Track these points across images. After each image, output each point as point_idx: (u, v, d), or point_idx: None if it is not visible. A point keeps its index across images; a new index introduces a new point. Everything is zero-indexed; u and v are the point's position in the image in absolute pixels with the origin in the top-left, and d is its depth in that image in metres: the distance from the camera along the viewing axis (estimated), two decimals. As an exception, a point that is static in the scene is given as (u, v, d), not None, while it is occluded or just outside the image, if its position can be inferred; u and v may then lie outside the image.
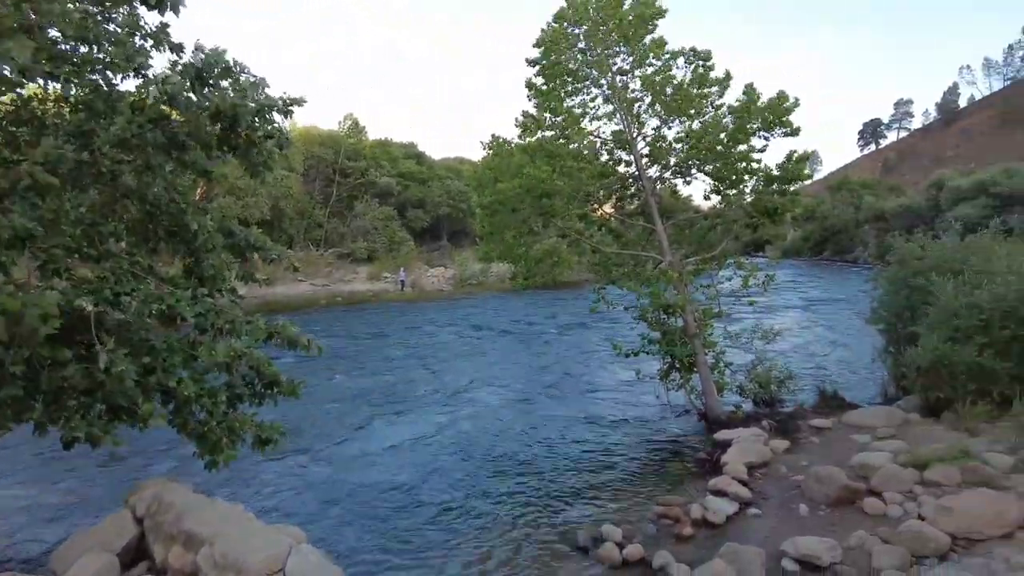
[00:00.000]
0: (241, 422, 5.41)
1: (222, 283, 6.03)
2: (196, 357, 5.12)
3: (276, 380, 5.66)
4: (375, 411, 12.77)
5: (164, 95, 4.77)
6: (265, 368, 5.50)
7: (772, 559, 5.90)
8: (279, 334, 5.73)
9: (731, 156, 11.19)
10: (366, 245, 44.21)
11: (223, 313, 5.33)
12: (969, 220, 29.37)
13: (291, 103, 5.26)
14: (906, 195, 56.96)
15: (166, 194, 5.46)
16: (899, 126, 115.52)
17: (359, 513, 8.09)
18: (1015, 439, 7.62)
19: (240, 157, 5.42)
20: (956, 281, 9.55)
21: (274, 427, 5.68)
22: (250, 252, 6.32)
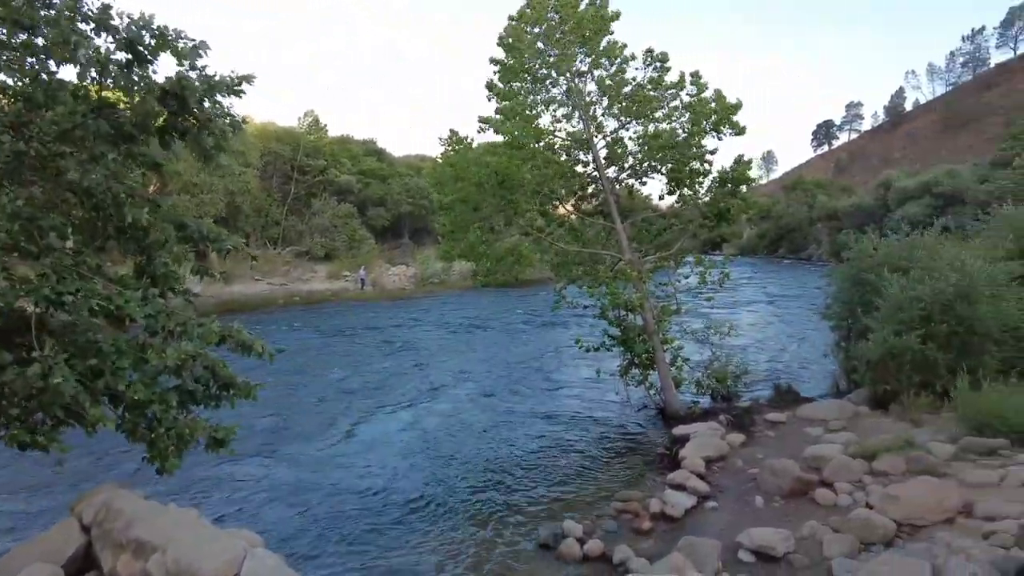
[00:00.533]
0: (192, 427, 5.24)
1: (175, 282, 5.83)
2: (146, 360, 4.94)
3: (231, 382, 5.51)
4: (336, 412, 12.59)
5: (101, 75, 4.55)
6: (220, 370, 5.35)
7: (729, 551, 6.03)
8: (232, 338, 5.56)
9: (685, 156, 11.40)
10: (325, 243, 43.50)
11: (174, 315, 5.15)
12: (915, 219, 30.48)
13: (240, 80, 5.08)
14: (857, 195, 58.90)
15: (113, 188, 5.24)
16: (850, 128, 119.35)
17: (321, 515, 7.97)
18: (955, 428, 7.95)
19: (191, 142, 5.22)
20: (902, 277, 9.91)
21: (229, 428, 5.52)
22: (204, 244, 6.11)
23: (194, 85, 4.82)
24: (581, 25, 11.27)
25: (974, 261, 9.47)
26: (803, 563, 5.71)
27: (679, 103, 11.54)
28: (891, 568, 4.53)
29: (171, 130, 5.14)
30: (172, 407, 5.04)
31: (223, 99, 5.16)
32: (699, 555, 5.68)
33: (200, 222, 6.03)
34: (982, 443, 7.40)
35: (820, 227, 56.43)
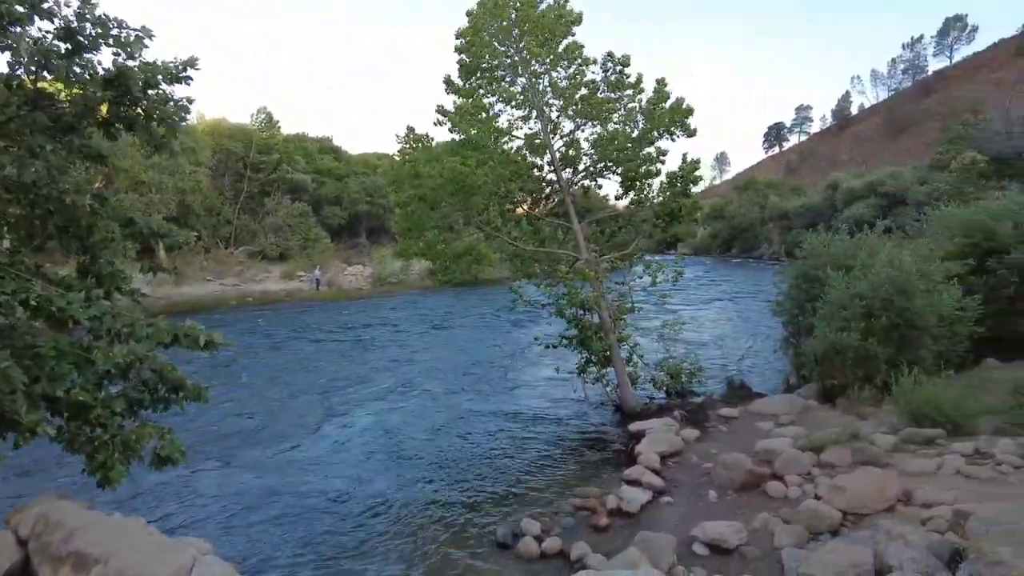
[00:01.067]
0: (139, 435, 5.04)
1: (122, 282, 5.60)
2: (92, 362, 4.73)
3: (181, 385, 5.33)
4: (294, 415, 12.35)
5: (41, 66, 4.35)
6: (169, 372, 5.17)
7: (683, 544, 6.13)
8: (186, 335, 5.37)
9: (638, 158, 11.57)
10: (279, 243, 42.61)
11: (121, 316, 4.96)
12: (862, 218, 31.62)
13: (184, 66, 4.92)
14: (806, 195, 60.79)
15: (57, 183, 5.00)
16: (800, 130, 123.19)
17: (276, 520, 7.79)
18: (896, 420, 8.29)
19: (139, 132, 5.04)
20: (845, 275, 10.28)
21: (175, 444, 5.31)
22: (154, 240, 5.89)
23: (135, 73, 4.64)
24: (540, 26, 11.30)
25: (909, 259, 9.90)
26: (755, 554, 5.86)
27: (636, 106, 11.70)
28: (837, 556, 4.68)
29: (116, 120, 4.96)
30: (117, 413, 4.84)
31: (167, 87, 5.00)
32: (655, 549, 5.77)
33: (148, 218, 5.82)
34: (921, 433, 7.73)
35: (771, 227, 58.06)
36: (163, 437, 5.17)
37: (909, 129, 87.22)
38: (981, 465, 6.65)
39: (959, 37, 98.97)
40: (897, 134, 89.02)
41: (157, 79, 4.82)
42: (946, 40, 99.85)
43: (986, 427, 7.77)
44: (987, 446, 7.08)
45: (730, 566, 5.74)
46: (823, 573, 4.53)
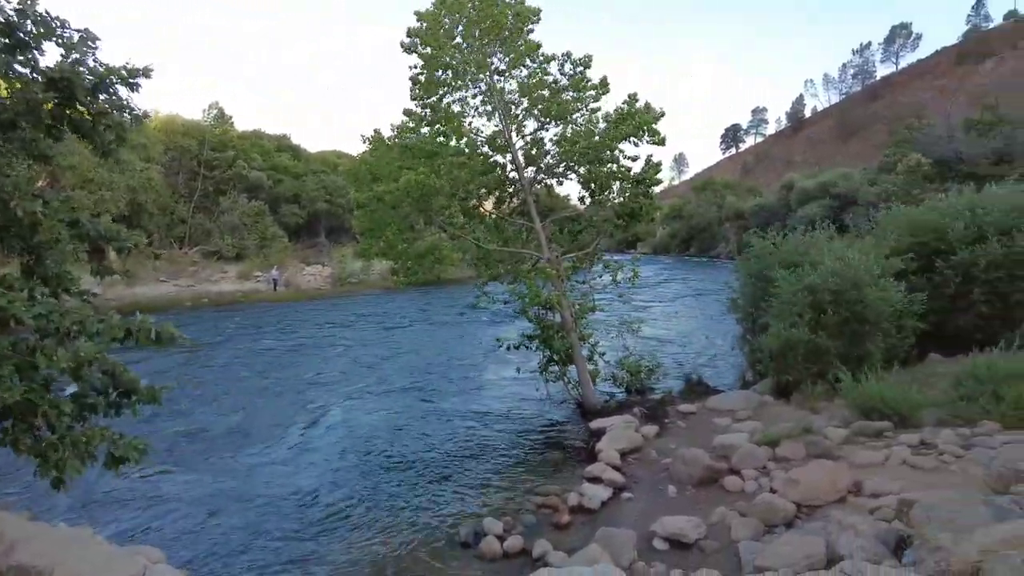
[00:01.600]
0: (90, 436, 4.83)
1: (69, 282, 5.36)
2: (36, 366, 4.51)
3: (134, 387, 5.13)
4: (252, 417, 12.08)
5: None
6: (121, 374, 4.98)
7: (644, 540, 6.20)
8: (138, 330, 5.14)
9: (601, 160, 11.65)
10: (235, 242, 41.64)
11: (69, 314, 4.75)
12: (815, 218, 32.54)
13: (135, 73, 4.76)
14: (762, 195, 62.33)
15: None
16: (756, 131, 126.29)
17: (234, 525, 7.60)
18: (847, 414, 8.55)
19: (87, 135, 4.84)
20: (796, 272, 10.55)
21: (131, 443, 5.11)
22: (102, 243, 5.65)
23: (81, 75, 4.47)
24: (499, 24, 11.26)
25: (857, 255, 10.24)
26: (713, 548, 5.96)
27: (599, 109, 11.76)
28: (791, 547, 4.80)
29: (60, 122, 4.76)
30: (66, 413, 4.63)
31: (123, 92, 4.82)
32: (615, 545, 5.82)
33: (96, 220, 5.59)
34: (870, 426, 7.98)
35: (728, 226, 59.32)
36: (115, 442, 4.97)
37: (859, 132, 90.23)
38: (925, 455, 6.89)
39: (904, 44, 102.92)
40: (848, 136, 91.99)
41: (106, 83, 4.64)
42: (892, 47, 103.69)
43: (930, 419, 8.06)
44: (931, 437, 7.35)
45: (689, 560, 5.82)
46: (778, 564, 4.64)
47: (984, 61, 66.37)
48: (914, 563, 3.54)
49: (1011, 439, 6.73)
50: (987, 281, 10.40)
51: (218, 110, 46.76)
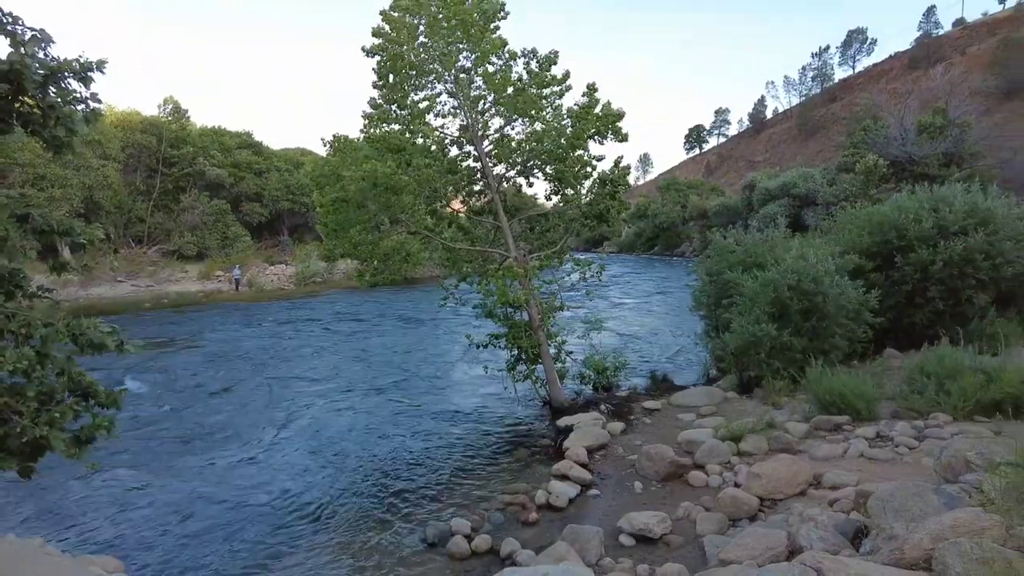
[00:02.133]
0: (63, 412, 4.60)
1: (22, 280, 5.14)
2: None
3: (93, 390, 4.94)
4: (214, 421, 11.82)
5: None
6: (77, 376, 4.79)
7: (610, 536, 6.26)
8: (84, 335, 4.96)
9: (568, 159, 11.71)
10: (196, 241, 40.68)
11: (16, 317, 4.56)
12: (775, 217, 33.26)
13: (88, 67, 4.59)
14: (725, 195, 63.43)
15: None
16: (719, 132, 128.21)
17: (198, 531, 7.42)
18: (808, 409, 8.75)
19: (36, 130, 4.65)
20: (758, 271, 10.77)
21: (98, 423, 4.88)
22: (56, 237, 5.43)
23: (31, 67, 4.30)
24: (464, 21, 11.20)
25: (815, 253, 10.50)
26: (678, 542, 6.04)
27: (564, 107, 11.80)
28: (754, 540, 4.87)
29: (8, 116, 4.56)
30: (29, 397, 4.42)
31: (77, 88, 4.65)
32: (582, 542, 5.86)
33: (47, 213, 5.37)
34: (829, 420, 8.19)
35: (693, 225, 60.20)
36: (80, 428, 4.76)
37: (818, 133, 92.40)
38: (882, 448, 7.11)
39: (860, 49, 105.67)
40: (808, 137, 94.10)
41: (57, 76, 4.48)
42: (849, 51, 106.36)
43: (886, 412, 8.31)
44: (887, 430, 7.58)
45: (655, 555, 5.89)
46: (741, 557, 4.71)
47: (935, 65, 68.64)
48: (870, 552, 3.64)
49: (960, 430, 6.99)
50: (941, 279, 10.76)
51: (174, 105, 45.30)
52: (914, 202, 11.77)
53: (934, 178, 24.15)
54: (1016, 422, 6.86)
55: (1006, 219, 11.05)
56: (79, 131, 4.86)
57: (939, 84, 49.05)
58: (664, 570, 5.21)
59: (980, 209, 10.99)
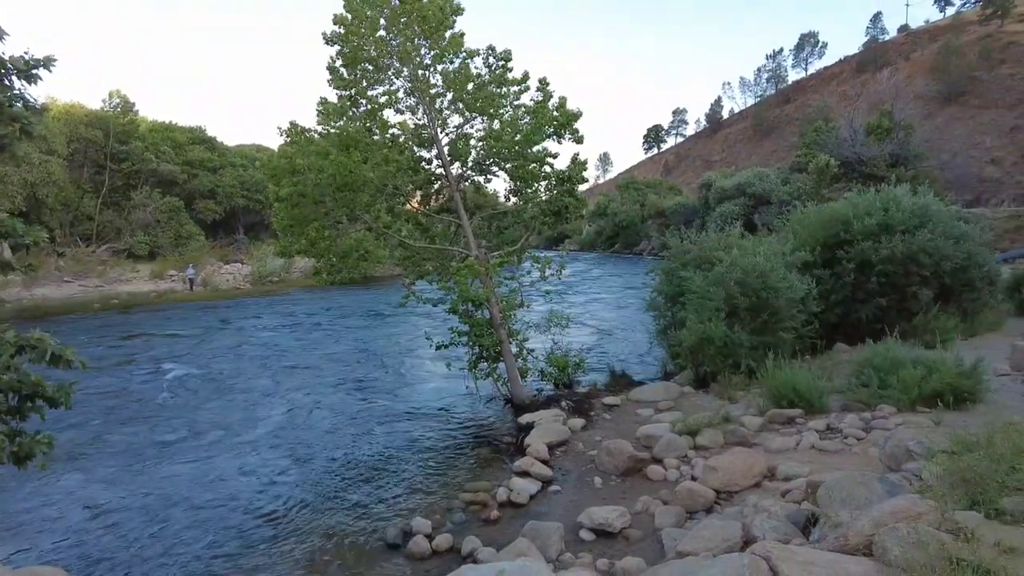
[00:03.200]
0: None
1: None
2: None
3: (40, 390, 4.76)
4: (167, 425, 11.48)
5: None
6: (23, 376, 4.62)
7: (571, 531, 6.32)
8: (33, 348, 4.79)
9: (527, 157, 11.75)
10: (147, 240, 39.46)
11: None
12: (732, 216, 34.09)
13: (35, 64, 4.43)
14: (682, 194, 64.64)
15: None
16: (676, 132, 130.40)
17: (150, 536, 7.21)
18: (762, 402, 8.99)
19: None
20: (712, 269, 11.02)
21: (36, 440, 4.73)
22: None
23: None
24: (424, 18, 11.13)
25: (766, 250, 10.82)
26: (637, 536, 6.14)
27: (522, 105, 11.83)
28: (710, 532, 4.99)
29: None
30: None
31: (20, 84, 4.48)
32: (543, 538, 5.90)
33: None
34: (782, 414, 8.44)
35: (651, 224, 61.13)
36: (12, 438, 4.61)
37: (772, 133, 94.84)
38: (831, 439, 7.37)
39: (812, 52, 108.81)
40: (763, 137, 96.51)
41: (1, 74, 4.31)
42: (802, 54, 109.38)
43: (835, 405, 8.61)
44: (836, 422, 7.86)
45: (614, 549, 5.98)
46: (698, 549, 4.83)
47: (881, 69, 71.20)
48: (818, 540, 3.77)
49: (903, 421, 7.30)
50: (883, 272, 11.21)
51: (120, 98, 43.68)
52: (866, 200, 12.23)
53: (881, 178, 25.04)
54: (954, 412, 7.19)
55: (946, 219, 11.58)
56: (34, 131, 4.70)
57: (885, 88, 50.90)
58: (623, 564, 5.29)
59: (923, 209, 11.49)
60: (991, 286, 12.55)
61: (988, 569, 2.57)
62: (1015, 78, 63.66)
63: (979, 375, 7.72)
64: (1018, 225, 36.36)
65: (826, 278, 11.63)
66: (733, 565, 3.12)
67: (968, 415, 7.03)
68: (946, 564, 2.68)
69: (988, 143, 57.22)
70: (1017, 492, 3.40)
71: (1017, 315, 13.29)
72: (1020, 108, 58.09)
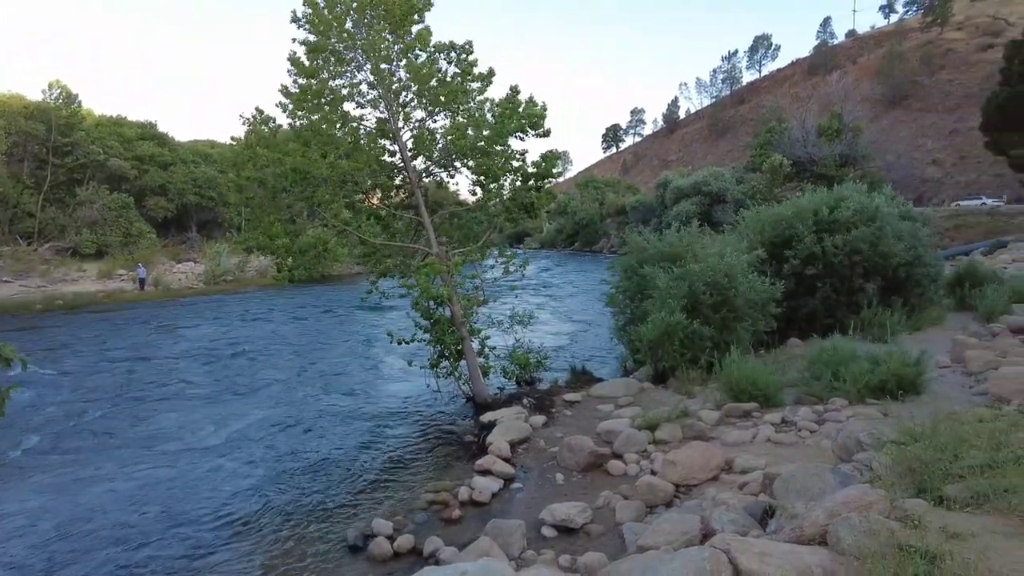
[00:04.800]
0: None
1: None
2: None
3: None
4: (119, 428, 11.09)
5: None
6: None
7: (533, 528, 6.31)
8: None
9: (491, 153, 11.69)
10: (94, 238, 37.96)
11: None
12: (688, 214, 34.71)
13: None
14: (640, 193, 65.57)
15: None
16: (634, 132, 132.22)
17: (96, 543, 6.93)
18: (719, 397, 9.17)
19: None
20: (669, 268, 11.20)
21: None
22: None
23: None
24: (390, 11, 10.97)
25: (727, 248, 11.05)
26: (599, 531, 6.17)
27: (486, 102, 11.76)
28: (670, 525, 5.05)
29: None
30: None
31: None
32: (505, 536, 5.89)
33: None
34: (739, 408, 8.61)
35: (610, 222, 61.86)
36: None
37: (727, 134, 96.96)
38: (786, 432, 7.54)
39: (766, 54, 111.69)
40: (718, 137, 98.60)
41: None
42: (756, 56, 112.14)
43: (790, 399, 8.83)
44: (791, 415, 8.05)
45: (576, 544, 6.00)
46: (658, 543, 4.88)
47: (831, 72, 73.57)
48: (775, 531, 3.86)
49: (854, 413, 7.53)
50: (832, 265, 11.62)
51: (62, 89, 41.75)
52: (819, 198, 12.68)
53: (832, 178, 25.84)
54: (901, 403, 7.46)
55: (890, 217, 12.05)
56: None
57: (835, 90, 52.56)
58: (585, 559, 5.31)
59: (869, 208, 11.95)
60: (935, 283, 13.09)
61: (935, 554, 2.66)
62: (953, 83, 66.64)
63: (923, 368, 8.03)
64: (957, 224, 38.03)
65: (780, 273, 11.94)
66: (693, 559, 3.16)
67: (913, 406, 7.30)
68: (896, 551, 2.77)
69: (929, 145, 59.78)
70: (960, 479, 3.54)
71: (957, 310, 13.88)
72: (958, 112, 60.73)
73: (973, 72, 65.43)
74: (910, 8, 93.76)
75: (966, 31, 76.07)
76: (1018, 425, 4.30)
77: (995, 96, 36.91)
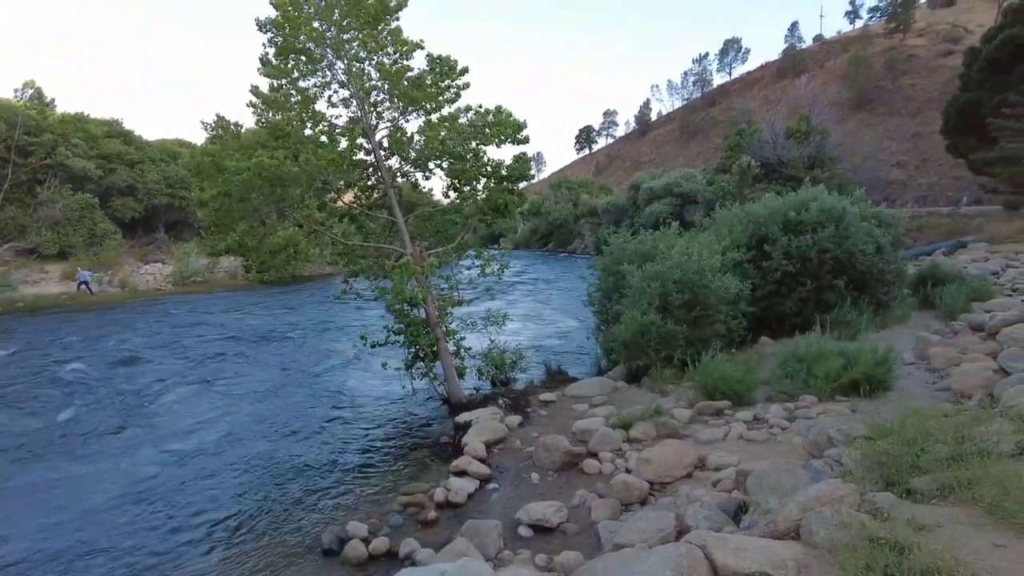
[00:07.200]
0: None
1: None
2: None
3: None
4: (89, 430, 10.79)
5: None
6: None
7: (509, 528, 6.31)
8: None
9: (466, 156, 11.66)
10: (56, 239, 36.93)
11: None
12: (661, 215, 35.02)
13: None
14: (613, 194, 66.06)
15: None
16: (607, 133, 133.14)
17: (69, 549, 6.73)
18: (692, 395, 9.27)
19: None
20: (645, 267, 11.30)
21: None
22: None
23: None
24: (361, 10, 10.85)
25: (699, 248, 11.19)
26: (574, 530, 6.19)
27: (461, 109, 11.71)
28: (645, 523, 5.09)
29: None
30: None
31: None
32: (481, 536, 5.88)
33: None
34: (712, 406, 8.72)
35: (584, 223, 62.18)
36: None
37: (698, 135, 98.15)
38: (758, 429, 7.66)
39: (736, 57, 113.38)
40: (689, 139, 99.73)
41: None
42: (726, 59, 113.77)
43: (762, 396, 8.97)
44: (763, 413, 8.18)
45: (553, 544, 6.01)
46: (634, 540, 4.92)
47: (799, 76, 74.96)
48: (749, 527, 3.91)
49: (824, 410, 7.68)
50: (803, 261, 11.86)
51: (35, 90, 40.62)
52: (788, 199, 12.93)
53: (800, 180, 26.32)
54: (868, 400, 7.63)
55: (854, 218, 12.35)
56: None
57: (803, 93, 53.48)
58: (561, 558, 5.32)
59: (835, 209, 12.24)
60: (899, 282, 13.41)
61: (903, 545, 2.72)
62: (915, 88, 68.44)
63: (890, 365, 8.22)
64: (920, 225, 39.03)
65: (752, 273, 12.13)
66: (670, 555, 3.19)
67: (880, 402, 7.48)
68: (866, 543, 2.84)
69: (893, 148, 61.30)
70: (926, 472, 3.64)
71: (921, 309, 14.24)
72: (920, 116, 62.40)
73: (934, 77, 67.29)
74: (874, 15, 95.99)
75: (927, 38, 78.14)
76: (980, 419, 4.43)
77: (955, 100, 37.98)
